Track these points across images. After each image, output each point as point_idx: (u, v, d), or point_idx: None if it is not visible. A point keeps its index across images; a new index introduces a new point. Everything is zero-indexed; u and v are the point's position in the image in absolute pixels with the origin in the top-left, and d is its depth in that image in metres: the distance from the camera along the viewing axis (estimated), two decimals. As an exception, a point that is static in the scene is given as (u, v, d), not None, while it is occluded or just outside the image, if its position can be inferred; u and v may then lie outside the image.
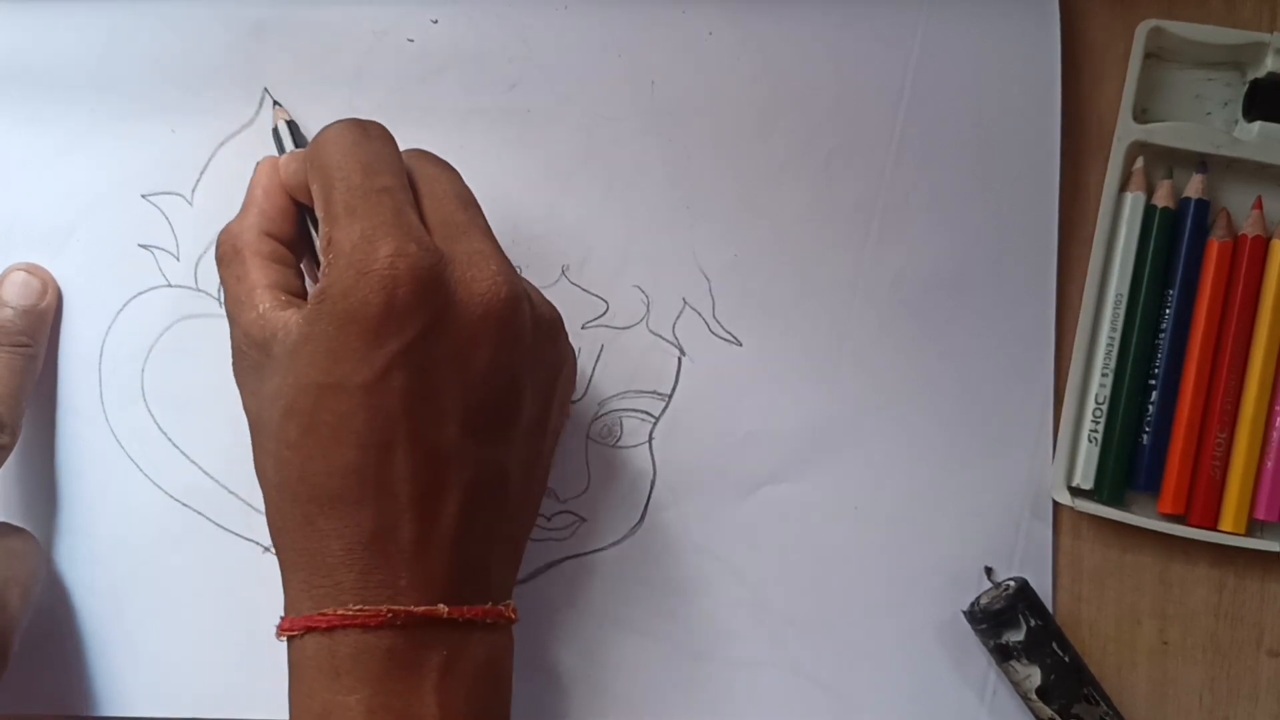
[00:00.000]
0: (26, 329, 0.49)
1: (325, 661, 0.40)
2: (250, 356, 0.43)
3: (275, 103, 0.51)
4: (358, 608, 0.39)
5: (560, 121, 0.52)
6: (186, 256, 0.51)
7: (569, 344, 0.46)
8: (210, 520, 0.51)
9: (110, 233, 0.51)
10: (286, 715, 0.44)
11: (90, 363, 0.51)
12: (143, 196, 0.51)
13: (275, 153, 0.49)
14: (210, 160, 0.51)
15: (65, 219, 0.51)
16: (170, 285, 0.51)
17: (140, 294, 0.51)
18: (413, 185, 0.43)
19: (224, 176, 0.51)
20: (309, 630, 0.40)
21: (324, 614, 0.40)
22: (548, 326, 0.44)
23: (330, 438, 0.40)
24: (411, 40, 0.51)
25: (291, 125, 0.49)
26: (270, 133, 0.50)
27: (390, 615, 0.40)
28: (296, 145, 0.48)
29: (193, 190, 0.51)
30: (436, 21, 0.51)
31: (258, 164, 0.46)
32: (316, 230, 0.45)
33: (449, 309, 0.40)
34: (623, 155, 0.51)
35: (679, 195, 0.51)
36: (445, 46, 0.51)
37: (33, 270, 0.50)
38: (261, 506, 0.50)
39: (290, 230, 0.45)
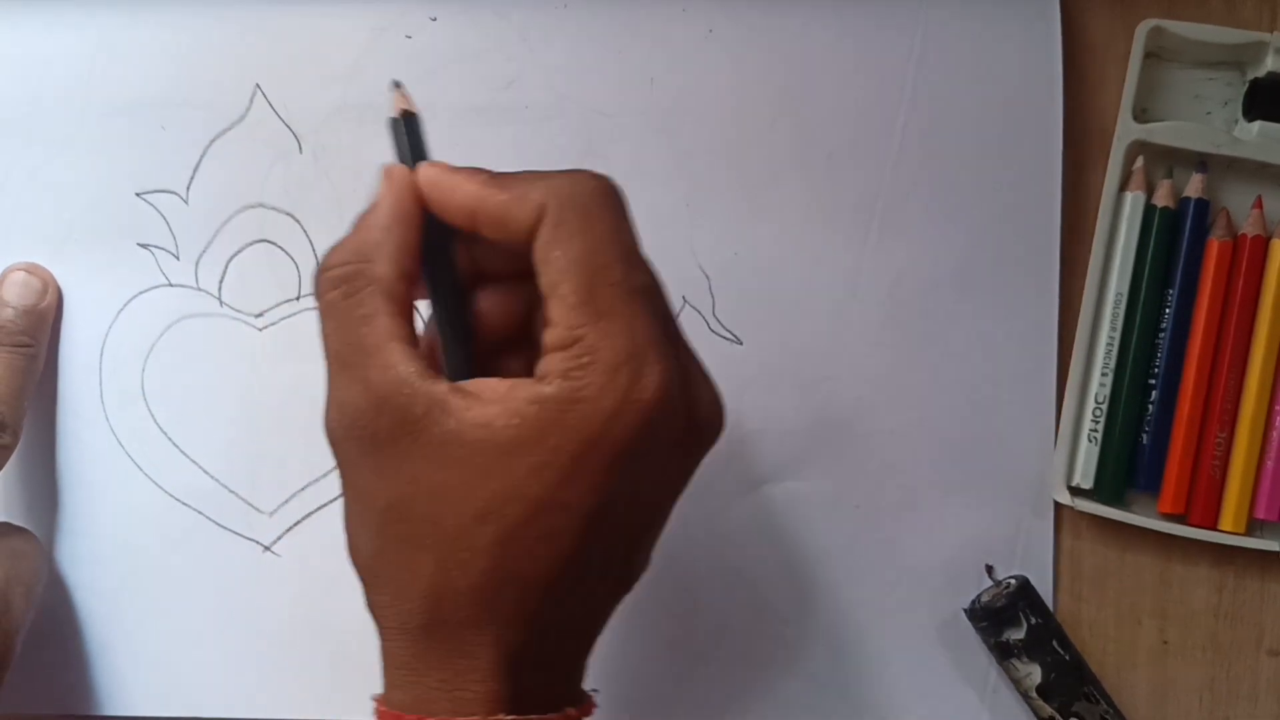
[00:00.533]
0: (27, 328, 0.49)
1: None
2: (379, 426, 0.37)
3: (396, 83, 0.40)
4: (511, 719, 0.37)
5: (559, 119, 0.52)
6: (186, 255, 0.51)
7: None
8: (211, 520, 0.51)
9: (108, 232, 0.51)
10: (286, 713, 0.45)
11: (90, 363, 0.51)
12: (137, 195, 0.51)
13: (293, 146, 0.50)
14: (202, 158, 0.51)
15: (63, 219, 0.51)
16: (170, 285, 0.51)
17: (140, 294, 0.51)
18: None
19: (217, 174, 0.51)
20: None
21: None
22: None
23: (530, 553, 0.36)
24: (410, 37, 0.52)
25: (413, 120, 0.40)
26: (255, 129, 0.50)
27: None
28: (413, 148, 0.39)
29: (187, 188, 0.51)
30: (435, 19, 0.52)
31: (388, 171, 0.38)
32: (457, 283, 0.39)
33: (681, 441, 0.38)
34: (621, 153, 0.52)
35: (678, 193, 0.52)
36: (444, 44, 0.52)
37: (33, 270, 0.50)
38: (262, 506, 0.51)
39: (418, 269, 0.38)
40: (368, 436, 0.37)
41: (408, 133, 0.39)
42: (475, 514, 0.36)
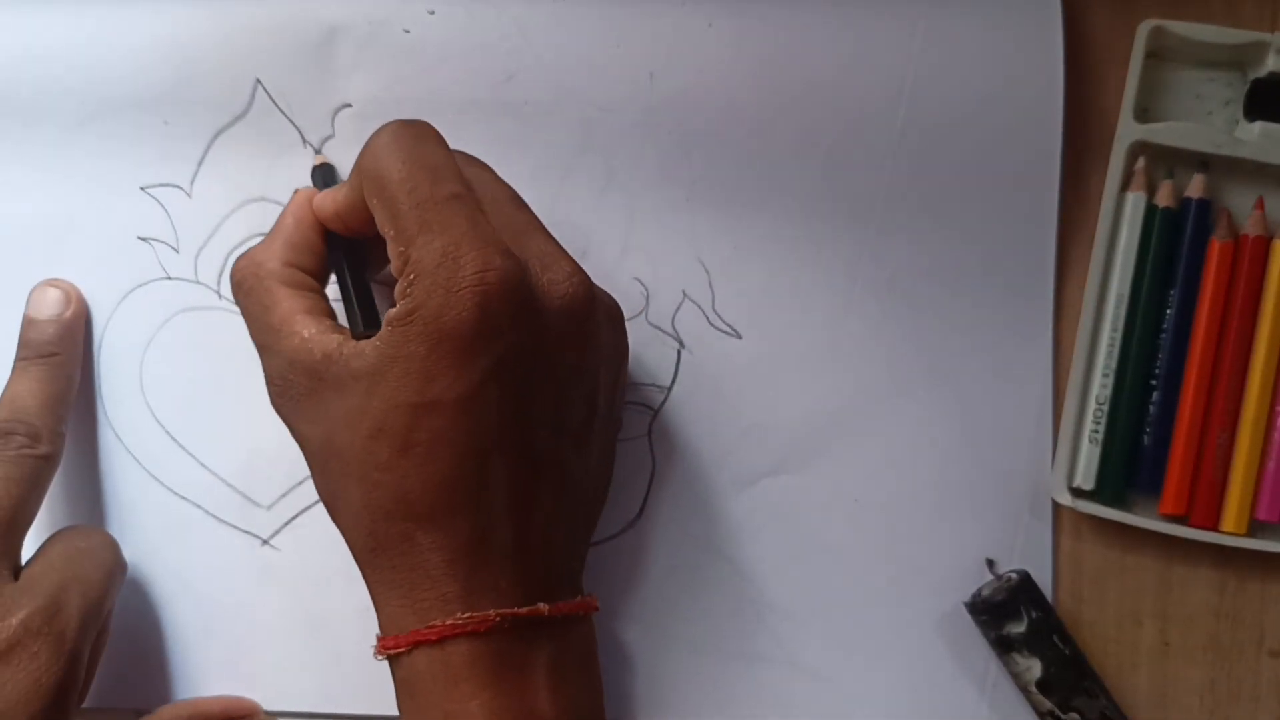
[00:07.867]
0: (53, 338, 0.50)
1: (440, 672, 0.42)
2: (298, 384, 0.44)
3: (316, 150, 0.53)
4: (466, 615, 0.41)
5: (558, 113, 0.53)
6: (186, 249, 0.53)
7: (626, 331, 0.49)
8: (209, 514, 0.52)
9: (110, 226, 0.53)
10: (284, 706, 0.46)
11: (88, 357, 0.52)
12: (141, 189, 0.53)
13: (296, 140, 0.52)
14: (206, 152, 0.53)
15: (63, 212, 0.53)
16: (169, 278, 0.53)
17: (139, 287, 0.53)
18: None
19: (221, 168, 0.53)
20: (418, 644, 0.42)
21: (433, 626, 0.41)
22: (615, 317, 0.47)
23: (426, 454, 0.41)
24: (408, 31, 0.53)
25: (325, 169, 0.51)
26: (258, 123, 0.52)
27: (498, 619, 0.41)
28: (325, 185, 0.50)
29: (191, 182, 0.53)
30: (433, 13, 0.53)
31: (294, 192, 0.48)
32: (350, 262, 0.47)
33: (536, 316, 0.42)
34: (621, 147, 0.53)
35: (678, 188, 0.53)
36: (442, 37, 0.53)
37: (54, 283, 0.52)
38: (260, 500, 0.52)
39: (314, 264, 0.47)
40: (291, 394, 0.44)
41: (322, 178, 0.51)
42: (369, 432, 0.41)
